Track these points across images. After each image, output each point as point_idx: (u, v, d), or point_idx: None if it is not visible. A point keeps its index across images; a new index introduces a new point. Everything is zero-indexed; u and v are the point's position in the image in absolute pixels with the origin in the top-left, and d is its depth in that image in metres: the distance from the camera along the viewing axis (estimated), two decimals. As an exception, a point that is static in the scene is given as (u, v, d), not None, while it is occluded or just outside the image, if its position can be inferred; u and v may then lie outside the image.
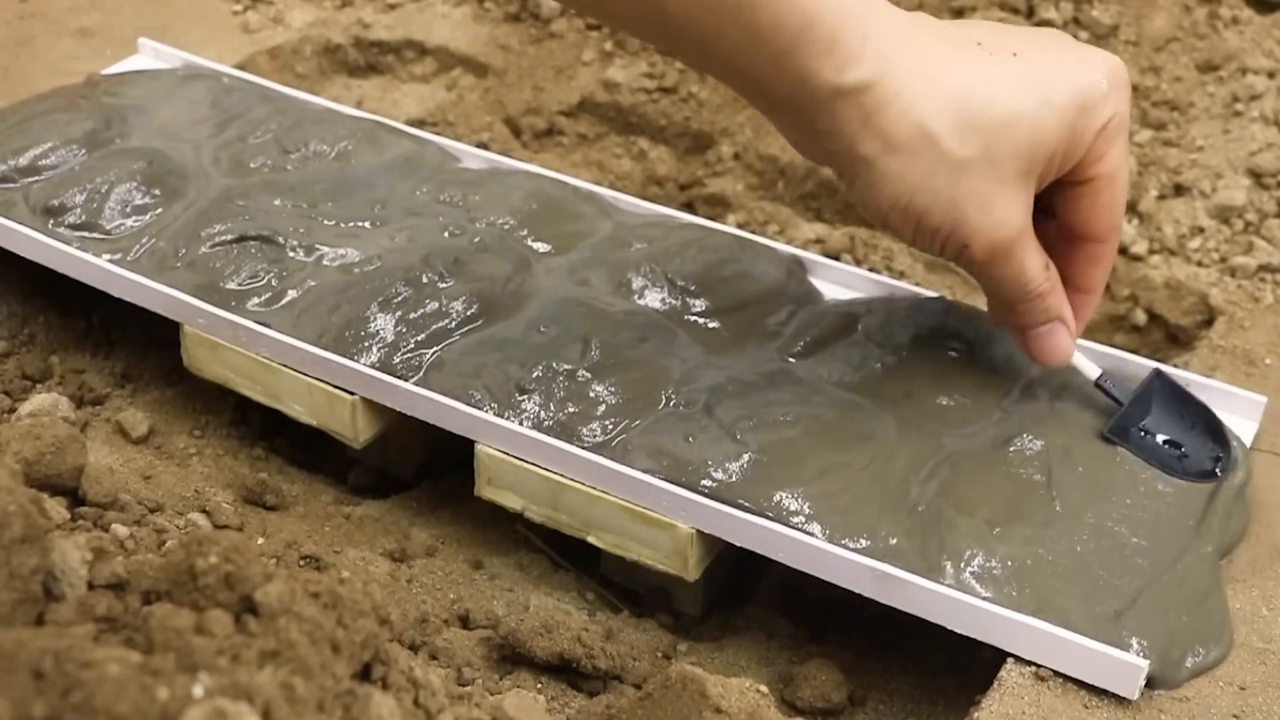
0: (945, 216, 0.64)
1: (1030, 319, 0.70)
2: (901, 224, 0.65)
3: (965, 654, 0.70)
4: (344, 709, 0.44)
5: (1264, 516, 0.75)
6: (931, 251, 0.67)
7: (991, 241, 0.64)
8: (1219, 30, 1.10)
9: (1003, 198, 0.64)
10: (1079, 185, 0.67)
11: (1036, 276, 0.67)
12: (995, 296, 0.70)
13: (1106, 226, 0.68)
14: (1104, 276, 0.71)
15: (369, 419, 0.79)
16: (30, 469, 0.70)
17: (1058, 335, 0.70)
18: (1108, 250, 0.69)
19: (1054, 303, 0.69)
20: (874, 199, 0.64)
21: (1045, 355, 0.71)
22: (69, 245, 0.85)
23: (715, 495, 0.70)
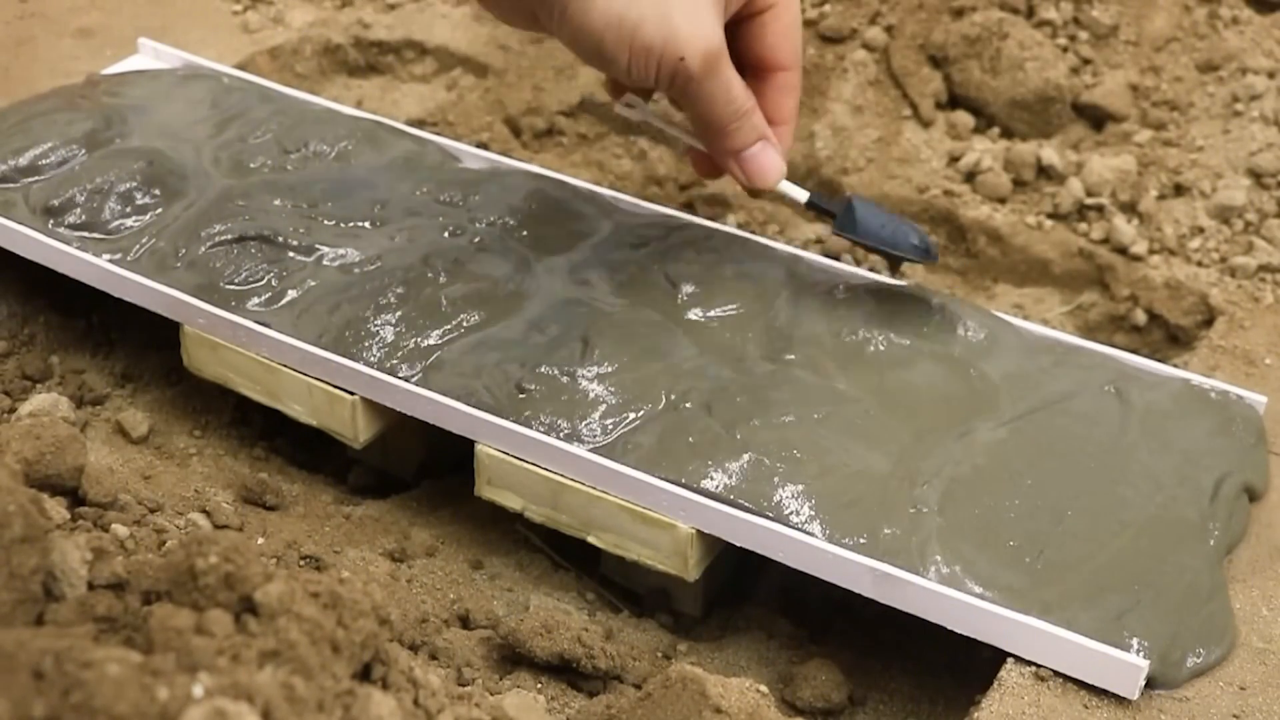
0: (658, 28, 0.66)
1: (742, 138, 0.73)
2: (616, 45, 0.66)
3: (965, 654, 0.70)
4: (344, 709, 0.44)
5: (1264, 516, 0.75)
6: (645, 77, 0.68)
7: (705, 51, 0.67)
8: (1219, 30, 1.10)
9: (705, 11, 0.67)
10: (758, 16, 0.72)
11: (741, 92, 0.71)
12: (707, 119, 0.72)
13: (790, 52, 0.74)
14: (795, 106, 0.76)
15: (369, 419, 0.79)
16: (30, 469, 0.69)
17: (768, 153, 0.74)
18: (795, 78, 0.75)
19: (759, 121, 0.73)
20: (588, 22, 0.66)
21: (760, 176, 0.74)
22: (69, 245, 0.85)
23: (715, 495, 0.70)
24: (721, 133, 0.72)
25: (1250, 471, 0.75)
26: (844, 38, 1.16)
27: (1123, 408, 0.77)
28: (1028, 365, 0.80)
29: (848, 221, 0.80)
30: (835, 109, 1.13)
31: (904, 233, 0.81)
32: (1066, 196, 1.05)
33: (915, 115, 1.12)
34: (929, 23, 1.13)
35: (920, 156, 1.10)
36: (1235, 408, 0.78)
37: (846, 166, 1.11)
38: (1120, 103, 1.08)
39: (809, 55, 1.15)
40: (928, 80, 1.12)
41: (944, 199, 1.08)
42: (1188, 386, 0.80)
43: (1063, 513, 0.71)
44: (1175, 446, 0.75)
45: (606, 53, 0.67)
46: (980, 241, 1.07)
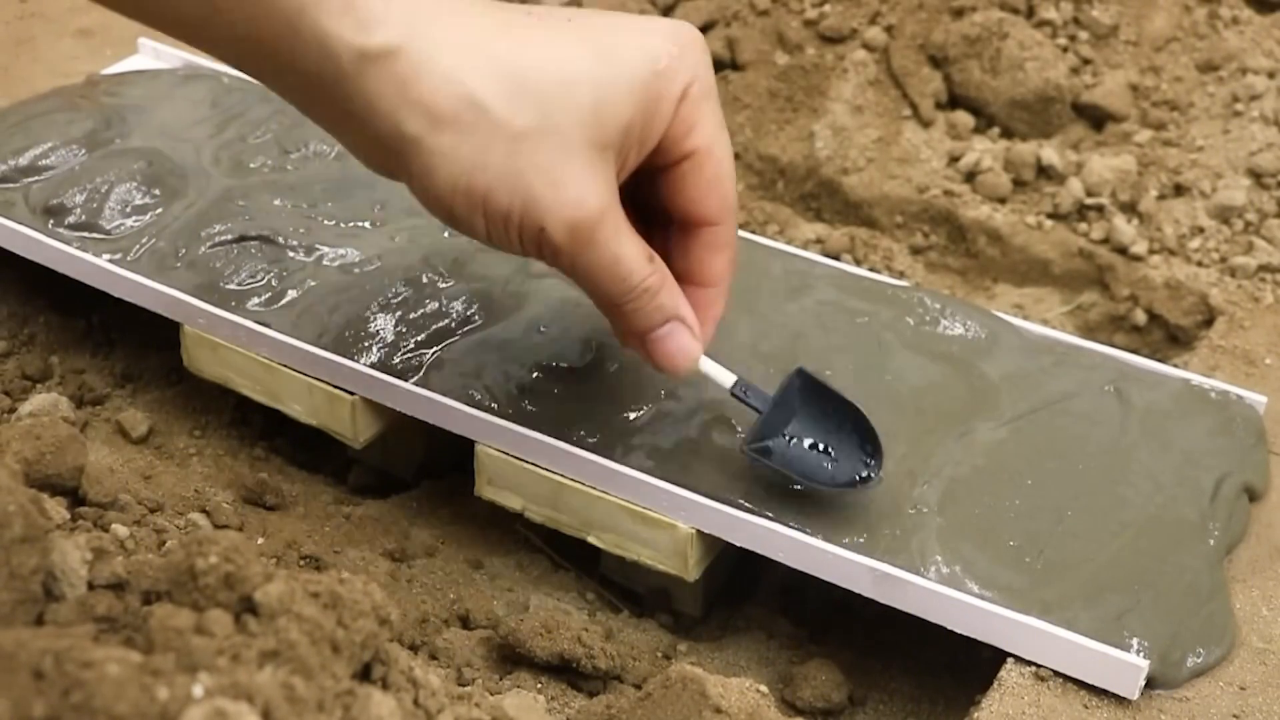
0: (511, 195, 0.56)
1: (643, 320, 0.62)
2: (469, 212, 0.57)
3: (965, 654, 0.70)
4: (344, 709, 0.44)
5: (1264, 516, 0.75)
6: (511, 245, 0.59)
7: (570, 221, 0.57)
8: (1219, 30, 1.10)
9: (574, 171, 0.56)
10: (679, 164, 0.61)
11: (637, 267, 0.59)
12: (596, 296, 0.62)
13: (717, 205, 0.62)
14: (729, 265, 0.64)
15: (369, 419, 0.79)
16: (30, 469, 0.69)
17: (678, 337, 0.62)
18: (725, 233, 0.63)
19: (666, 300, 0.61)
20: (433, 185, 0.57)
21: (667, 361, 0.63)
22: (69, 245, 0.85)
23: (715, 495, 0.70)
24: (617, 310, 0.61)
25: (1250, 471, 0.75)
26: (844, 38, 1.16)
27: (1123, 408, 0.77)
28: (1028, 365, 0.80)
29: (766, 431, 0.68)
30: (835, 109, 1.13)
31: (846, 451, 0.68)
32: (1066, 196, 1.05)
33: (915, 115, 1.12)
34: (929, 23, 1.13)
35: (920, 156, 1.10)
36: (1235, 408, 0.78)
37: (846, 166, 1.11)
38: (1120, 103, 1.08)
39: (809, 55, 1.15)
40: (928, 80, 1.12)
41: (944, 199, 1.08)
42: (1188, 386, 0.80)
43: (1063, 513, 0.71)
44: (1175, 446, 0.75)
45: (460, 220, 0.58)
46: (980, 241, 1.07)
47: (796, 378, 0.69)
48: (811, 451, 0.68)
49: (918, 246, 1.09)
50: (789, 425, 0.68)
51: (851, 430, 0.68)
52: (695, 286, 0.64)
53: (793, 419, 0.68)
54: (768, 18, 1.18)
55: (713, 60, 1.17)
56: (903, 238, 1.09)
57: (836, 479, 0.68)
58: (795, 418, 0.69)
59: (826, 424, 0.69)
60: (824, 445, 0.68)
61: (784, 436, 0.68)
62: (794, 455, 0.68)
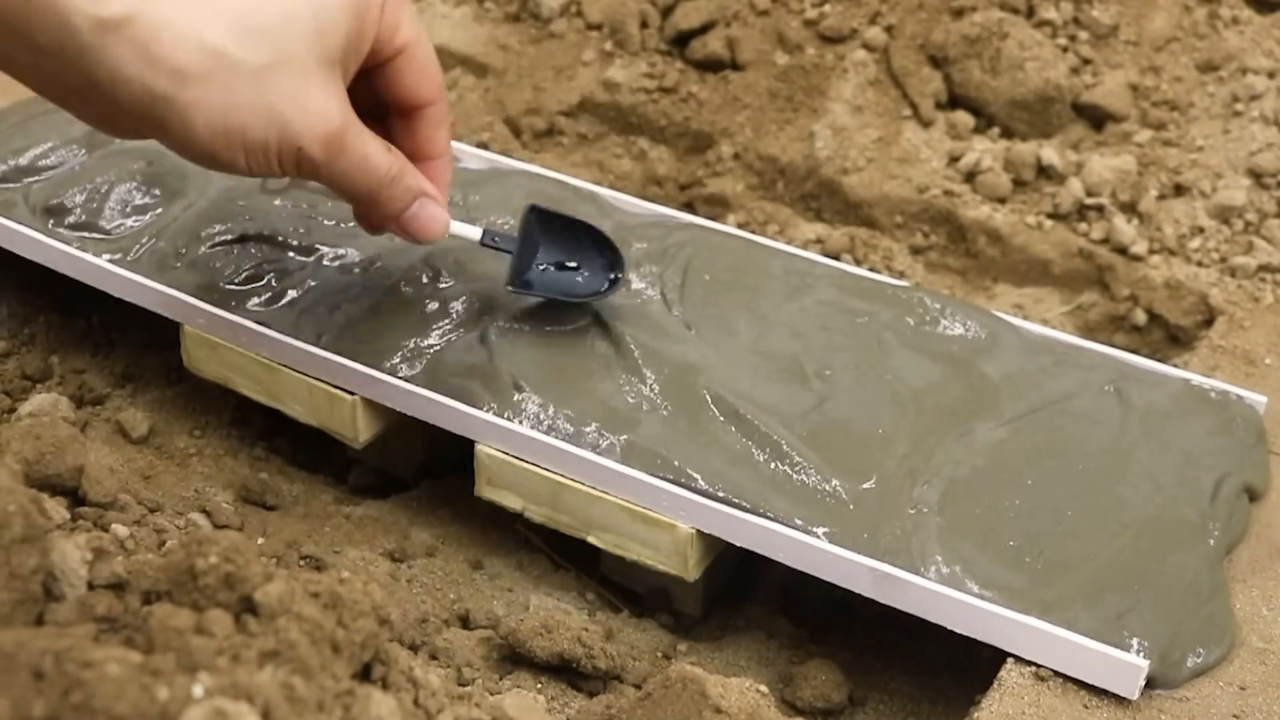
0: (267, 127, 0.62)
1: (396, 204, 0.70)
2: (230, 151, 0.62)
3: (965, 654, 0.70)
4: (344, 709, 0.44)
5: (1264, 516, 0.75)
6: (271, 170, 0.65)
7: (323, 136, 0.64)
8: (1219, 30, 1.10)
9: (315, 91, 0.63)
10: (394, 60, 0.68)
11: (382, 160, 0.67)
12: (352, 194, 0.69)
13: (433, 86, 0.70)
14: (449, 136, 0.73)
15: (369, 419, 0.79)
16: (30, 469, 0.69)
17: (428, 209, 0.71)
18: (442, 110, 0.72)
19: (411, 181, 0.70)
20: (193, 135, 0.61)
21: (423, 233, 0.72)
22: (69, 245, 0.85)
23: (714, 495, 0.70)
24: (373, 203, 0.69)
25: (1250, 471, 0.75)
26: (844, 38, 1.16)
27: (1123, 408, 0.77)
28: (1028, 365, 0.80)
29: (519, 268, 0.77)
30: (835, 109, 1.13)
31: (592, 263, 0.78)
32: (1066, 196, 1.05)
33: (915, 115, 1.12)
34: (929, 23, 1.13)
35: (920, 156, 1.10)
36: (1235, 408, 0.78)
37: (846, 166, 1.11)
38: (1120, 103, 1.08)
39: (809, 55, 1.15)
40: (928, 80, 1.12)
41: (944, 199, 1.08)
42: (1188, 386, 0.80)
43: (1063, 513, 0.71)
44: (1175, 446, 0.75)
45: (222, 161, 0.63)
46: (980, 241, 1.07)
47: (531, 213, 0.77)
48: (563, 272, 0.78)
49: (918, 246, 1.09)
50: (537, 256, 0.78)
51: (591, 245, 0.78)
52: (425, 161, 0.72)
53: (539, 250, 0.78)
54: (768, 18, 1.18)
55: (713, 60, 1.18)
56: (903, 238, 1.09)
57: (592, 289, 0.78)
58: (540, 248, 0.78)
59: (568, 245, 0.78)
60: (572, 263, 0.78)
61: (537, 267, 0.78)
62: (550, 279, 0.78)
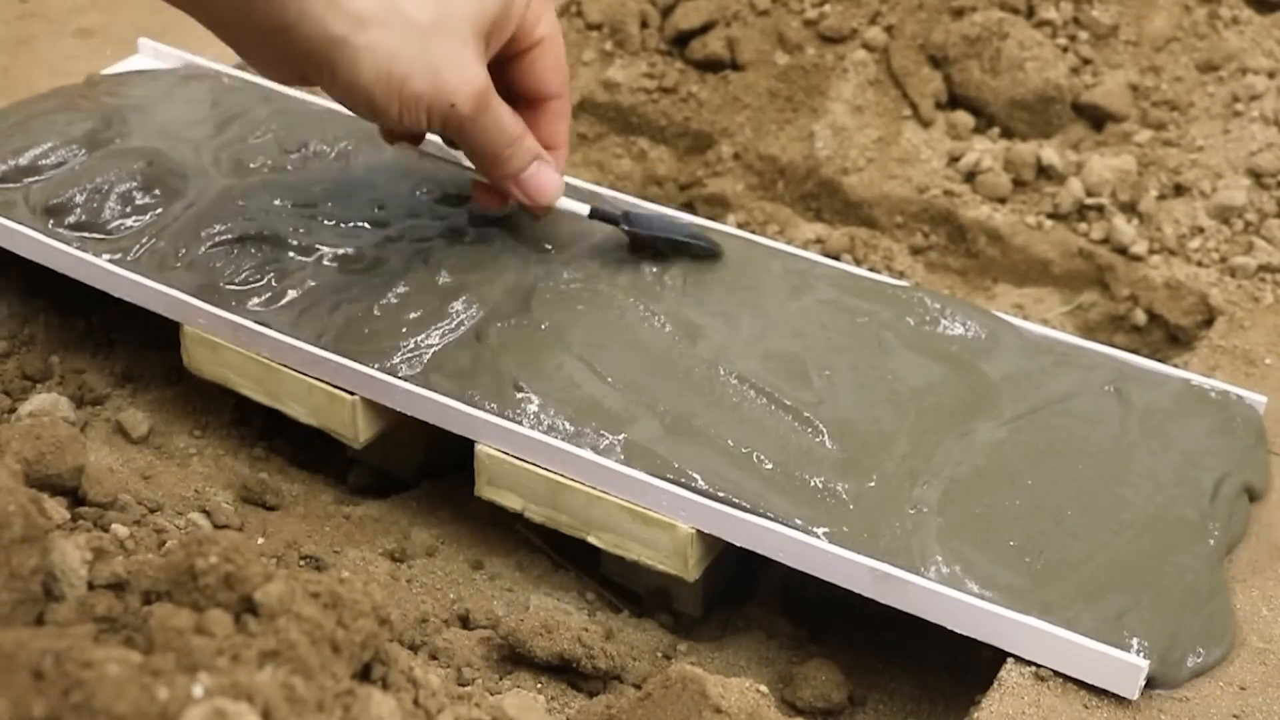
0: (425, 79, 0.69)
1: (518, 162, 0.76)
2: (387, 98, 0.69)
3: (965, 654, 0.70)
4: (344, 709, 0.44)
5: (1264, 516, 0.75)
6: (419, 123, 0.71)
7: (474, 94, 0.71)
8: (1219, 30, 1.10)
9: (469, 55, 0.70)
10: (529, 52, 0.76)
11: (513, 121, 0.75)
12: (483, 150, 0.75)
13: (560, 82, 0.78)
14: (568, 130, 0.80)
15: (369, 419, 0.79)
16: (30, 469, 0.69)
17: (545, 171, 0.78)
18: (565, 105, 0.79)
19: (531, 143, 0.77)
20: (358, 78, 0.68)
21: (540, 194, 0.78)
22: (69, 245, 0.85)
23: (714, 495, 0.70)
24: (498, 160, 0.76)
25: (1250, 471, 0.75)
26: (844, 38, 1.16)
27: (1123, 408, 0.77)
28: (1028, 365, 0.80)
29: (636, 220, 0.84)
30: (835, 109, 1.13)
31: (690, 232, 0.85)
32: (1066, 196, 1.05)
33: (915, 115, 1.12)
34: (929, 23, 1.13)
35: (920, 156, 1.10)
36: (1235, 408, 0.78)
37: (846, 166, 1.11)
38: (1120, 103, 1.08)
39: (809, 55, 1.15)
40: (928, 80, 1.12)
41: (944, 199, 1.08)
42: (1188, 386, 0.80)
43: (1063, 513, 0.71)
44: (1175, 446, 0.75)
45: (378, 106, 0.70)
46: (980, 241, 1.07)
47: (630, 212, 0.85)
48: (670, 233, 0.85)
49: (918, 246, 1.09)
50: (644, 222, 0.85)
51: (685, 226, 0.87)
52: (547, 149, 0.79)
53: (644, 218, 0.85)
54: (768, 18, 1.18)
55: (713, 60, 1.18)
56: (903, 238, 1.09)
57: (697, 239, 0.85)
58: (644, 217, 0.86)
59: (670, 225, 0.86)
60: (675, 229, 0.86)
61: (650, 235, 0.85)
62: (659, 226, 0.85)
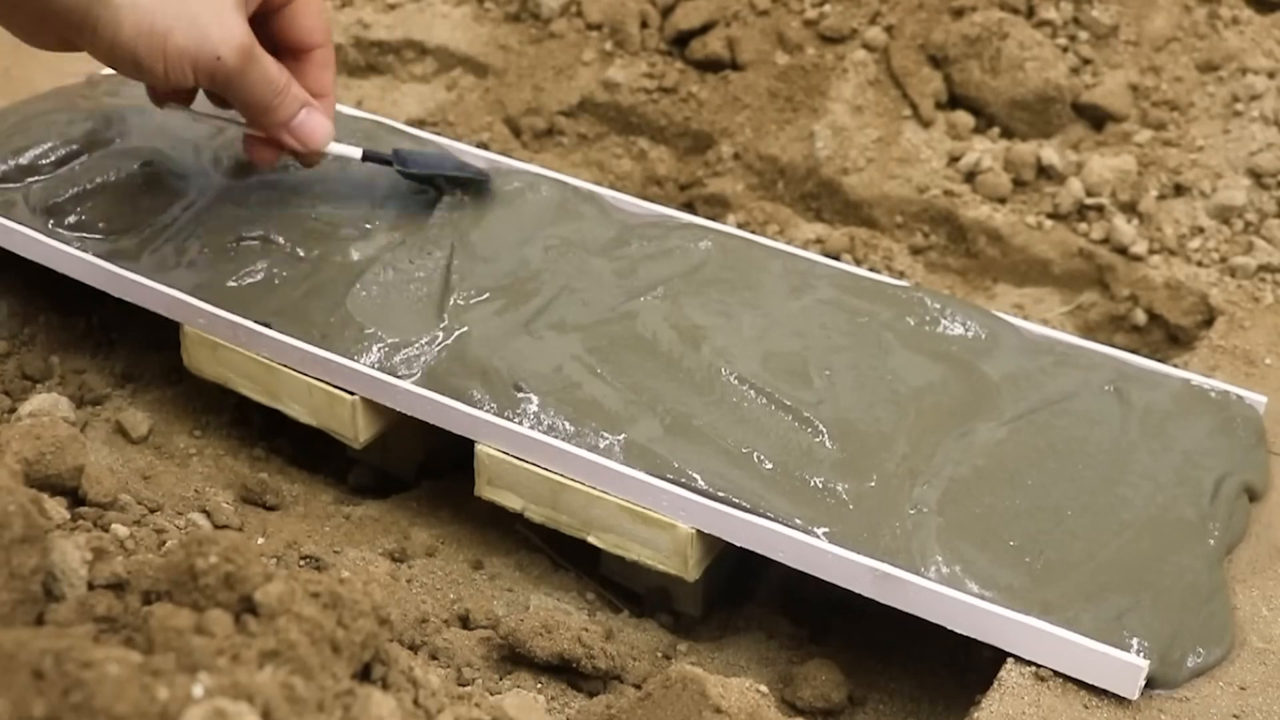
0: (189, 34, 0.71)
1: (287, 110, 0.78)
2: (151, 55, 0.70)
3: (965, 654, 0.70)
4: (344, 709, 0.44)
5: (1264, 516, 0.75)
6: (185, 79, 0.73)
7: (238, 47, 0.73)
8: (1219, 30, 1.10)
9: (229, 9, 0.73)
10: (289, 5, 0.79)
11: (277, 72, 0.77)
12: (251, 103, 0.77)
13: (322, 31, 0.81)
14: (333, 78, 0.83)
15: (369, 419, 0.79)
16: (30, 469, 0.69)
17: (315, 117, 0.80)
18: (329, 53, 0.82)
19: (298, 92, 0.79)
20: (119, 36, 0.69)
21: (311, 138, 0.80)
22: (69, 245, 0.85)
23: (714, 495, 0.70)
24: (268, 110, 0.78)
25: (1250, 471, 0.75)
26: (844, 38, 1.16)
27: (1123, 408, 0.77)
28: (1028, 365, 0.80)
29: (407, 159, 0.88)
30: (835, 109, 1.13)
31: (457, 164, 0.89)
32: (1066, 196, 1.05)
33: (915, 115, 1.12)
34: (929, 23, 1.13)
35: (920, 156, 1.10)
36: (1235, 408, 0.79)
37: (846, 166, 1.11)
38: (1120, 103, 1.08)
39: (809, 55, 1.15)
40: (928, 80, 1.12)
41: (944, 199, 1.08)
42: (1188, 386, 0.80)
43: (1063, 512, 0.71)
44: (1175, 446, 0.75)
45: (143, 63, 0.71)
46: (980, 241, 1.07)
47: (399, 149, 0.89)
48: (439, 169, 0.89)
49: (918, 246, 1.09)
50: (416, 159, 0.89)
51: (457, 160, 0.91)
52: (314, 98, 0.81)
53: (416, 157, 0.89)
54: (768, 18, 1.18)
55: (713, 60, 1.18)
56: (903, 238, 1.09)
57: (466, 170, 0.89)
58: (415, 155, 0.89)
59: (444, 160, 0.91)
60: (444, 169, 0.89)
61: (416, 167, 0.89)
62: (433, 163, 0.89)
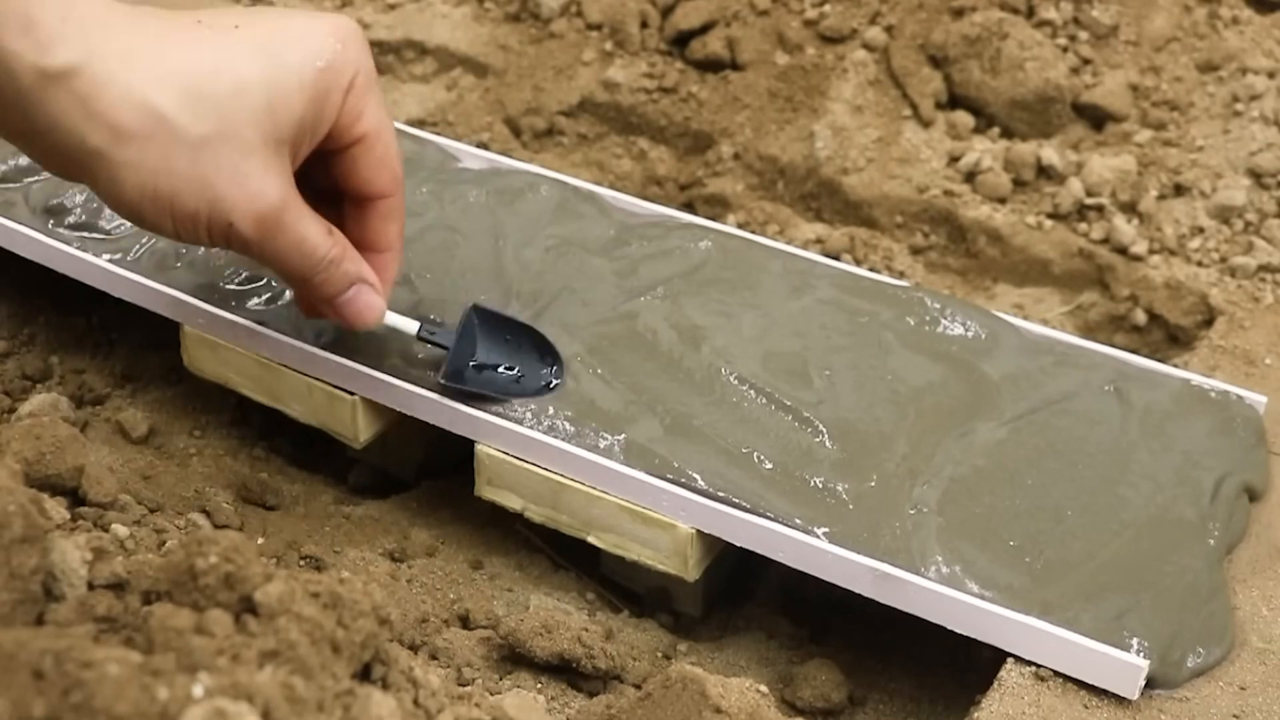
0: (198, 197, 0.61)
1: (332, 288, 0.69)
2: (157, 215, 0.62)
3: (965, 654, 0.70)
4: (344, 709, 0.44)
5: (1264, 516, 0.75)
6: (201, 241, 0.64)
7: (256, 214, 0.63)
8: (1219, 30, 1.10)
9: (255, 168, 0.62)
10: (351, 148, 0.67)
11: (321, 243, 0.66)
12: (288, 275, 0.68)
13: (389, 180, 0.69)
14: (400, 231, 0.72)
15: (369, 419, 0.79)
16: (30, 469, 0.69)
17: (365, 296, 0.70)
18: (397, 204, 0.70)
19: (350, 267, 0.69)
20: (121, 194, 0.61)
21: (357, 320, 0.71)
22: (69, 245, 0.85)
23: (714, 495, 0.70)
24: (307, 285, 0.68)
25: (1250, 471, 0.75)
26: (844, 38, 1.16)
27: (1123, 408, 0.77)
28: (1028, 365, 0.80)
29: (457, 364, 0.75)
30: (835, 109, 1.13)
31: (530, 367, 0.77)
32: (1066, 196, 1.05)
33: (915, 115, 1.12)
34: (929, 23, 1.13)
35: (920, 156, 1.10)
36: (1235, 408, 0.78)
37: (846, 166, 1.11)
38: (1120, 103, 1.08)
39: (809, 55, 1.15)
40: (928, 80, 1.12)
41: (944, 199, 1.08)
42: (1188, 386, 0.80)
43: (1063, 513, 0.71)
44: (1175, 446, 0.75)
45: (148, 223, 0.63)
46: (980, 241, 1.07)
47: (473, 314, 0.77)
48: (500, 373, 0.77)
49: (918, 246, 1.09)
50: (475, 354, 0.77)
51: (532, 348, 0.78)
52: (372, 253, 0.71)
53: (477, 348, 0.77)
54: (768, 18, 1.18)
55: (713, 60, 1.18)
56: (903, 238, 1.09)
57: (526, 390, 0.76)
58: (479, 347, 0.77)
59: (507, 347, 0.78)
60: (509, 365, 0.77)
61: (473, 365, 0.77)
62: (485, 379, 0.76)
